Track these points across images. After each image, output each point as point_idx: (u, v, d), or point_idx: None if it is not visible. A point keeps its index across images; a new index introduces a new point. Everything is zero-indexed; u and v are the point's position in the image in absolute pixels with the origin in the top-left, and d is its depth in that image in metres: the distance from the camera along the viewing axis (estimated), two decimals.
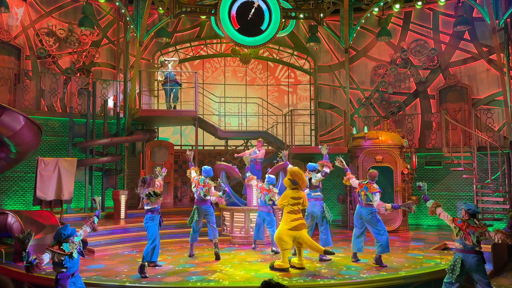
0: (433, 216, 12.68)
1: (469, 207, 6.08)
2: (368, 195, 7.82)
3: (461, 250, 5.98)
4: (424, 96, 14.02)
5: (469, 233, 5.94)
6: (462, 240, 5.95)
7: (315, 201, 8.54)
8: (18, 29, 12.74)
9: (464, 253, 5.96)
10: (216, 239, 8.54)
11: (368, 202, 7.86)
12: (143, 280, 6.91)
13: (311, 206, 8.46)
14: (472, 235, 5.93)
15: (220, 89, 15.63)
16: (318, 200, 8.60)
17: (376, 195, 7.75)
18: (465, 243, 5.93)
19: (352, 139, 12.90)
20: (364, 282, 6.83)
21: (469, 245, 5.92)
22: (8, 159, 9.80)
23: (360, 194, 7.99)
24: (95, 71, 13.87)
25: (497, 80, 12.43)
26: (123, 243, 9.67)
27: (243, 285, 6.71)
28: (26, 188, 11.55)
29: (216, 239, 8.54)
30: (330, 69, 15.35)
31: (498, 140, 12.20)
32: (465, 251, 5.96)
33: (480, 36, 13.19)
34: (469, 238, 5.94)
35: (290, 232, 7.31)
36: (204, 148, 15.12)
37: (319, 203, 8.57)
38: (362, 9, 13.93)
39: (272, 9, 12.46)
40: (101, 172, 12.38)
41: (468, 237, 5.94)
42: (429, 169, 12.99)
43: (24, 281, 7.33)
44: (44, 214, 9.29)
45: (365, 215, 7.92)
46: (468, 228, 5.95)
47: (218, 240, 8.61)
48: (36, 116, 11.05)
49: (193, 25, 15.26)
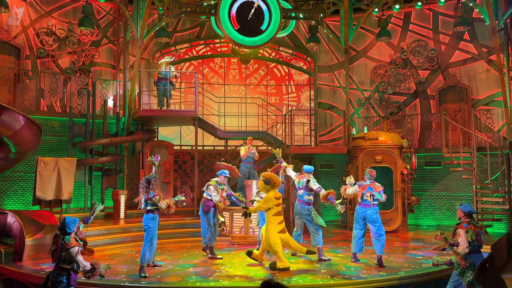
0: (432, 217, 12.75)
1: (470, 209, 6.02)
2: (376, 195, 7.86)
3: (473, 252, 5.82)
4: (423, 96, 14.03)
5: (479, 233, 5.88)
6: (474, 242, 5.81)
7: (305, 204, 8.39)
8: (18, 29, 12.73)
9: (476, 255, 5.82)
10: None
11: (374, 202, 7.89)
12: (143, 280, 6.90)
13: (300, 208, 8.43)
14: (481, 235, 5.89)
15: (219, 89, 15.63)
16: (308, 204, 8.41)
17: (382, 192, 7.89)
18: (475, 244, 5.82)
19: (352, 140, 12.90)
20: (363, 282, 6.83)
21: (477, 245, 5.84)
22: (7, 159, 9.80)
23: (365, 195, 7.94)
24: (95, 71, 13.86)
25: (497, 81, 12.43)
26: (123, 243, 9.68)
27: (243, 285, 6.71)
28: (26, 188, 11.55)
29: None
30: (330, 69, 15.36)
31: (497, 141, 12.20)
32: (476, 251, 5.84)
33: (479, 36, 13.20)
34: (481, 238, 5.90)
35: (280, 234, 7.47)
36: (204, 148, 15.12)
37: (307, 207, 8.40)
38: (362, 9, 13.92)
39: (272, 9, 12.47)
40: (101, 172, 12.38)
41: (480, 238, 5.89)
42: (428, 169, 13.00)
43: (24, 280, 7.33)
44: (44, 214, 9.30)
45: (370, 215, 7.89)
46: (477, 229, 5.89)
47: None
48: (35, 116, 11.05)
49: (193, 25, 15.26)
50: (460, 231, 5.87)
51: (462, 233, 5.83)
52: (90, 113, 12.21)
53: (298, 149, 13.16)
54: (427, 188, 12.96)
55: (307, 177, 8.41)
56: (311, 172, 8.52)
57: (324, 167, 14.25)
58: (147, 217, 7.44)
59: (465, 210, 6.02)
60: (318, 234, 8.31)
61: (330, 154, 13.87)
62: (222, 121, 14.69)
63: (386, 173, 11.39)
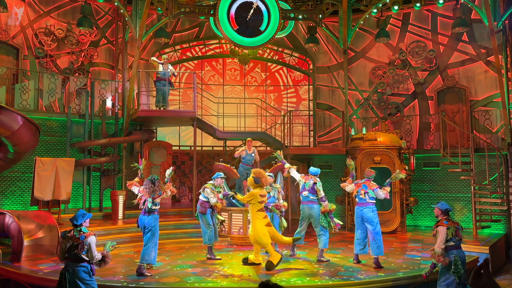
0: (431, 218, 12.76)
1: (447, 207, 6.24)
2: (370, 192, 7.93)
3: (455, 247, 6.06)
4: (422, 97, 14.04)
5: (457, 228, 6.13)
6: (454, 237, 6.05)
7: (312, 204, 8.42)
8: (17, 29, 12.71)
9: (458, 250, 6.08)
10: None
11: (370, 201, 7.94)
12: (141, 280, 6.89)
13: (308, 209, 8.43)
14: (460, 230, 6.15)
15: (218, 89, 15.63)
16: (315, 203, 8.45)
17: (377, 190, 7.93)
18: (456, 240, 6.06)
19: (351, 140, 12.91)
20: (362, 283, 6.84)
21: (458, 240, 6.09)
22: (5, 159, 9.78)
23: (360, 194, 8.01)
24: (94, 71, 13.85)
25: (495, 82, 12.44)
26: (121, 244, 9.64)
27: (241, 285, 6.71)
28: (24, 188, 11.52)
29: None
30: (328, 70, 15.37)
31: (496, 142, 12.22)
32: (457, 247, 6.08)
33: (478, 37, 13.22)
34: (459, 233, 6.15)
35: (267, 228, 7.64)
36: (202, 149, 15.12)
37: (316, 206, 8.44)
38: (360, 10, 13.94)
39: (271, 10, 12.47)
40: (99, 172, 12.37)
41: (459, 232, 6.13)
42: (427, 170, 13.01)
43: (22, 281, 7.31)
44: (42, 215, 9.27)
45: (366, 213, 7.93)
46: (455, 225, 6.14)
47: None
48: (34, 116, 11.02)
49: (192, 26, 15.26)
50: (440, 229, 6.06)
51: (442, 230, 6.03)
52: (88, 114, 12.20)
53: (297, 150, 13.16)
54: (426, 189, 12.97)
55: (314, 180, 8.42)
56: (317, 175, 8.53)
57: (323, 168, 14.18)
58: (152, 217, 7.44)
59: (442, 208, 6.24)
60: (324, 235, 8.35)
61: (328, 155, 13.88)
62: (221, 121, 14.69)
63: (385, 174, 11.37)
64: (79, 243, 5.22)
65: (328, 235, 8.40)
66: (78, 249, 5.22)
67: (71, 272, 5.23)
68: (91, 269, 5.34)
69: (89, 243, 5.26)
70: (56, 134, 12.11)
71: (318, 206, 8.42)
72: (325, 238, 8.32)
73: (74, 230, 5.35)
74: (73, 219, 5.41)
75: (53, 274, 7.18)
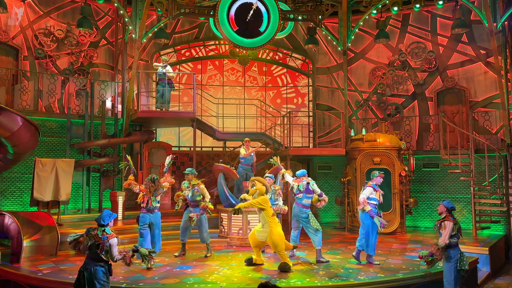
0: (430, 219, 12.76)
1: (452, 205, 6.41)
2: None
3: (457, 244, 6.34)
4: (422, 98, 14.05)
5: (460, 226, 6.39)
6: (457, 234, 6.28)
7: (303, 207, 8.42)
8: (16, 30, 12.71)
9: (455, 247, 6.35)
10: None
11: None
12: (140, 281, 6.90)
13: (298, 211, 8.45)
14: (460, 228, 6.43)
15: (218, 90, 15.63)
16: (306, 208, 8.44)
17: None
18: (458, 237, 6.29)
19: (350, 141, 12.91)
20: (361, 284, 6.84)
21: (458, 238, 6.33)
22: (5, 160, 9.77)
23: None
24: (93, 72, 13.84)
25: (495, 83, 12.46)
26: (121, 245, 9.60)
27: (240, 287, 6.70)
28: (23, 189, 11.52)
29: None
30: (328, 71, 15.37)
31: (495, 143, 12.22)
32: (454, 245, 6.32)
33: (478, 38, 13.23)
34: (461, 231, 6.39)
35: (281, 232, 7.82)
36: (202, 150, 15.11)
37: (305, 210, 8.42)
38: (360, 11, 13.95)
39: (271, 11, 12.48)
40: (99, 173, 12.36)
41: (461, 230, 6.37)
42: (426, 171, 13.01)
43: (21, 282, 7.31)
44: (41, 215, 9.27)
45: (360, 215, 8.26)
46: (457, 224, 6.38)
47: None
48: (33, 117, 11.02)
49: (192, 26, 15.26)
50: (447, 223, 6.25)
51: (449, 225, 6.22)
52: (88, 114, 12.20)
53: (296, 151, 13.16)
54: (425, 190, 12.97)
55: (306, 180, 8.48)
56: (305, 175, 8.62)
57: (322, 169, 14.27)
58: (158, 215, 8.25)
59: (448, 206, 6.42)
60: (317, 235, 8.35)
61: (328, 156, 13.86)
62: (220, 122, 14.69)
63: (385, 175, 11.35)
64: (100, 243, 5.28)
65: (320, 234, 8.38)
66: (99, 248, 5.28)
67: (89, 271, 5.30)
68: (109, 270, 5.43)
69: (109, 244, 5.31)
70: (56, 135, 12.11)
71: (308, 211, 8.45)
72: (317, 238, 8.33)
73: (98, 229, 5.40)
74: (99, 219, 5.45)
75: (52, 275, 7.19)
